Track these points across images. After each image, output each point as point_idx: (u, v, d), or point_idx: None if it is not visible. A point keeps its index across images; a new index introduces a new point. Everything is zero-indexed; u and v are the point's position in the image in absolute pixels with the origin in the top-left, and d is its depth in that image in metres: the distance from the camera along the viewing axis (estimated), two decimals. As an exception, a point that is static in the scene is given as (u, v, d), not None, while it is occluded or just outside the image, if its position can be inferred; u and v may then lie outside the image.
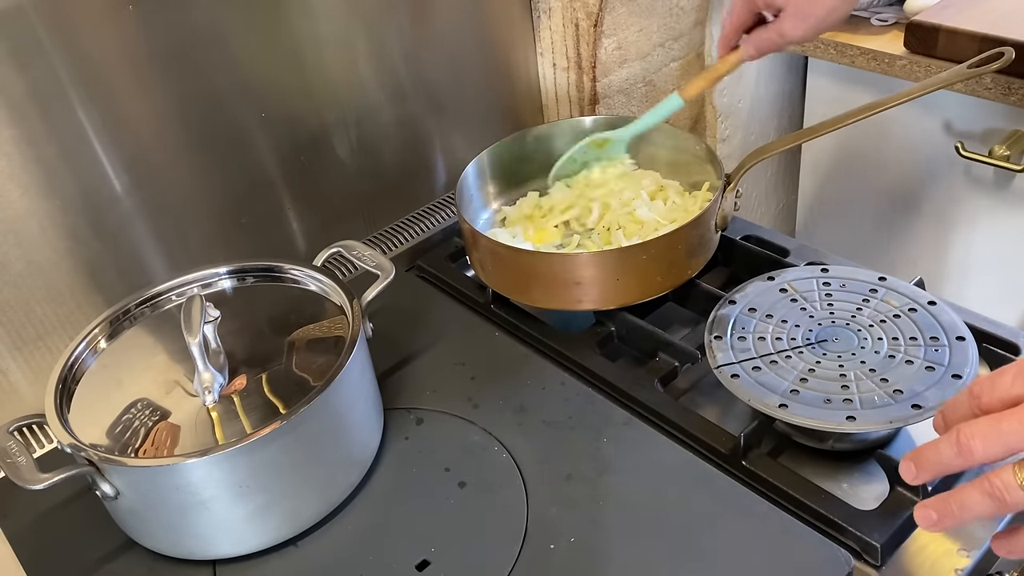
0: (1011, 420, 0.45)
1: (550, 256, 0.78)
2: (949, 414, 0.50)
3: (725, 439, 0.66)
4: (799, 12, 0.75)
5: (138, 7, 0.72)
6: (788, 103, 1.32)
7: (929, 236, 1.19)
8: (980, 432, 0.46)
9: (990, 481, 0.46)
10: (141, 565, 0.63)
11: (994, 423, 0.46)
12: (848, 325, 0.70)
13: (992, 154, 1.03)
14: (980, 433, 0.46)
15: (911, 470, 0.50)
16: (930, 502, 0.49)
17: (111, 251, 0.78)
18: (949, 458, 0.47)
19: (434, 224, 0.98)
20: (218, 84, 0.80)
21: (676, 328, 0.83)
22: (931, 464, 0.49)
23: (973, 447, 0.46)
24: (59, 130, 0.72)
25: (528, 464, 0.66)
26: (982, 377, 0.48)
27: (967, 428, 0.46)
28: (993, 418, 0.46)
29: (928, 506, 0.49)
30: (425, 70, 0.96)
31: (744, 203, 1.29)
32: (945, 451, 0.47)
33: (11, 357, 0.75)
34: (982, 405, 0.48)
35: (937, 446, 0.48)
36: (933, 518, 0.48)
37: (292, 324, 0.69)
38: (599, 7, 0.98)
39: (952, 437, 0.47)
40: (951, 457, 0.47)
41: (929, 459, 0.49)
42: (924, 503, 0.49)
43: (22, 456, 0.59)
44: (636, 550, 0.59)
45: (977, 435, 0.46)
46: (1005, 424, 0.45)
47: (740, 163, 0.80)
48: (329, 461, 0.64)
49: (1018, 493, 0.45)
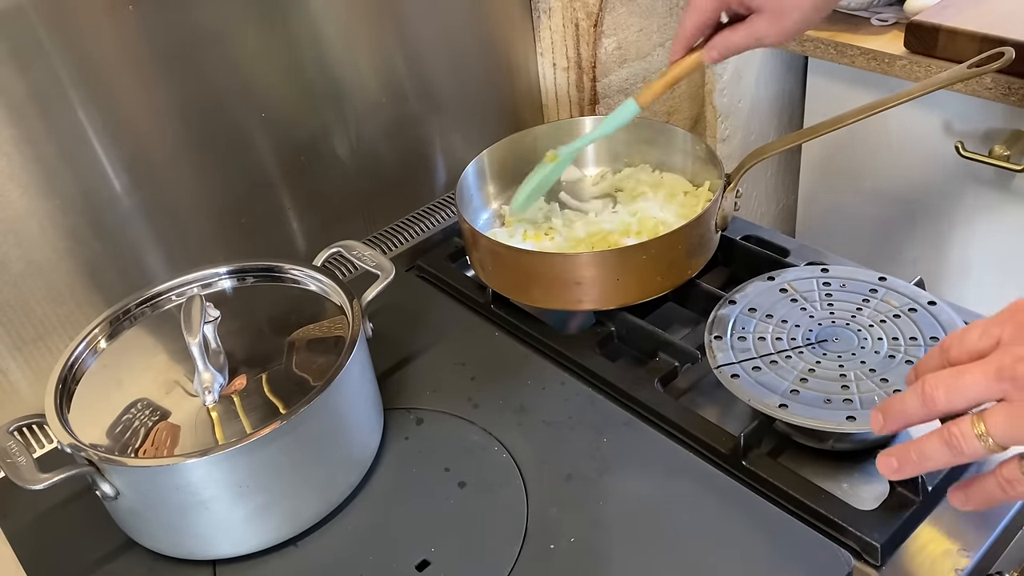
0: (974, 372, 0.46)
1: (550, 256, 0.78)
2: (920, 367, 0.52)
3: (725, 439, 0.66)
4: (777, 12, 0.69)
5: (138, 7, 0.72)
6: (788, 103, 1.32)
7: (929, 236, 1.19)
8: (943, 383, 0.47)
9: (949, 430, 0.47)
10: (141, 565, 0.63)
11: (957, 375, 0.47)
12: (848, 325, 0.70)
13: (992, 154, 1.03)
14: (943, 384, 0.47)
15: (879, 420, 0.51)
16: (891, 450, 0.50)
17: (111, 251, 0.78)
18: (914, 408, 0.48)
19: (434, 224, 0.98)
20: (218, 84, 0.80)
21: (676, 328, 0.83)
22: (897, 414, 0.50)
23: (936, 397, 0.47)
24: (59, 130, 0.72)
25: (528, 464, 0.66)
26: (953, 332, 0.50)
27: (931, 379, 0.47)
28: (957, 370, 0.47)
29: (889, 453, 0.50)
30: (425, 70, 0.96)
31: (744, 203, 1.28)
32: (910, 401, 0.48)
33: (11, 357, 0.75)
34: (950, 358, 0.49)
35: (904, 397, 0.49)
36: (894, 465, 0.49)
37: (292, 324, 0.69)
38: (599, 7, 0.98)
39: (917, 388, 0.48)
40: (916, 407, 0.48)
41: (895, 409, 0.50)
42: (885, 451, 0.50)
43: (22, 456, 0.59)
44: (636, 550, 0.59)
45: (941, 386, 0.47)
46: (968, 376, 0.46)
47: (740, 163, 0.80)
48: (329, 461, 0.64)
49: (974, 443, 0.46)
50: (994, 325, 0.48)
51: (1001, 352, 0.46)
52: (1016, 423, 0.45)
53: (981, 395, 0.46)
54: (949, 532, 0.60)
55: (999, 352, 0.46)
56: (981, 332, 0.48)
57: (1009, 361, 0.45)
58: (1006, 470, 0.47)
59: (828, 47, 1.14)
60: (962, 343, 0.49)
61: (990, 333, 0.48)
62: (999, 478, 0.47)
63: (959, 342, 0.49)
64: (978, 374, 0.46)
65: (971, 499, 0.50)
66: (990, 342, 0.47)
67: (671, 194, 0.88)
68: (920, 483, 0.60)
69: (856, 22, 1.15)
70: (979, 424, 0.46)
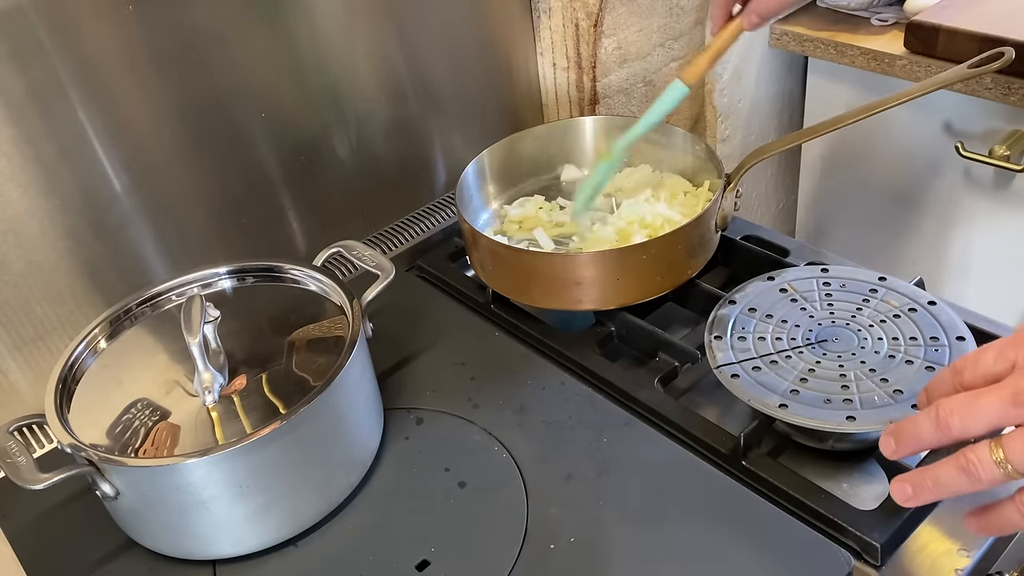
0: (990, 396, 0.45)
1: (550, 256, 0.78)
2: (932, 390, 0.50)
3: (725, 439, 0.66)
4: None
5: (138, 7, 0.72)
6: (788, 103, 1.32)
7: (929, 236, 1.19)
8: (959, 408, 0.46)
9: (966, 457, 0.45)
10: (141, 565, 0.63)
11: (973, 399, 0.46)
12: (848, 325, 0.70)
13: (992, 154, 1.03)
14: (959, 409, 0.46)
15: (890, 444, 0.49)
16: (905, 476, 0.48)
17: (111, 251, 0.78)
18: (928, 433, 0.47)
19: (434, 224, 0.98)
20: (218, 84, 0.80)
21: (676, 328, 0.83)
22: (910, 438, 0.48)
23: (951, 423, 0.46)
24: (59, 130, 0.72)
25: (528, 464, 0.66)
26: (966, 354, 0.48)
27: (946, 404, 0.46)
28: (972, 394, 0.46)
29: (904, 480, 0.48)
30: (425, 70, 0.96)
31: (744, 203, 1.29)
32: (924, 426, 0.47)
33: (11, 357, 0.75)
34: (964, 381, 0.48)
35: (916, 421, 0.47)
36: (908, 492, 0.48)
37: (292, 324, 0.69)
38: (599, 7, 0.98)
39: (931, 412, 0.46)
40: (930, 432, 0.47)
41: (908, 433, 0.48)
42: (900, 477, 0.48)
43: (22, 456, 0.59)
44: (636, 550, 0.59)
45: (956, 411, 0.46)
46: (984, 400, 0.45)
47: (740, 163, 0.80)
48: (329, 461, 0.64)
49: (993, 470, 0.44)
50: (1009, 347, 0.46)
51: (1017, 376, 0.45)
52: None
53: (998, 420, 0.45)
54: (949, 532, 0.60)
55: (1015, 376, 0.45)
56: (996, 355, 0.47)
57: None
58: (978, 452, 0.45)
59: (828, 47, 1.14)
60: (976, 366, 0.47)
61: (1005, 356, 0.46)
62: (1019, 504, 0.46)
63: (973, 365, 0.47)
64: (994, 399, 0.45)
65: (990, 526, 0.48)
66: (1005, 365, 0.46)
67: (671, 194, 0.88)
68: (920, 483, 0.60)
69: (856, 22, 1.15)
70: (997, 451, 0.44)
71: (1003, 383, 0.45)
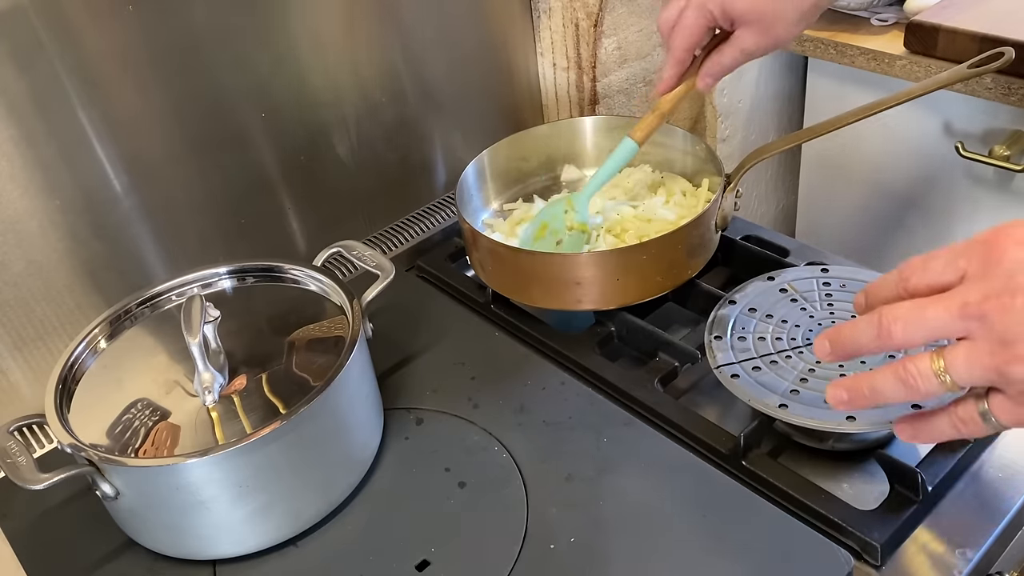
0: (936, 307, 0.43)
1: (550, 256, 0.78)
2: (872, 294, 0.48)
3: (725, 439, 0.66)
4: (762, 25, 0.66)
5: (138, 7, 0.72)
6: (788, 103, 1.32)
7: (929, 236, 1.19)
8: (903, 316, 0.44)
9: (905, 367, 0.44)
10: (141, 565, 0.63)
11: (919, 309, 0.44)
12: (848, 325, 0.70)
13: (992, 154, 1.03)
14: (903, 317, 0.44)
15: (825, 347, 0.48)
16: (841, 382, 0.47)
17: (111, 251, 0.78)
18: (868, 339, 0.45)
19: (434, 224, 0.98)
20: (218, 84, 0.80)
21: (676, 328, 0.83)
22: (848, 342, 0.47)
23: (893, 331, 0.44)
24: (59, 130, 0.72)
25: (528, 464, 0.66)
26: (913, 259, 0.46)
27: (890, 311, 0.44)
28: (918, 303, 0.44)
29: (839, 385, 0.47)
30: (425, 70, 0.96)
31: (744, 203, 1.29)
32: (864, 332, 0.45)
33: (11, 357, 0.75)
34: (909, 288, 0.46)
35: (856, 325, 0.46)
36: (843, 397, 0.47)
37: (292, 324, 0.69)
38: (599, 7, 0.98)
39: (873, 318, 0.45)
40: (870, 339, 0.45)
41: (847, 337, 0.47)
42: (835, 382, 0.47)
43: (22, 456, 0.59)
44: (636, 550, 0.59)
45: (900, 319, 0.44)
46: (930, 311, 0.43)
47: (740, 163, 0.80)
48: (329, 461, 0.64)
49: (932, 381, 0.43)
50: (960, 256, 0.44)
51: (967, 287, 0.43)
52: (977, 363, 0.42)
53: (942, 332, 0.43)
54: (949, 532, 0.60)
55: (964, 287, 0.43)
56: (945, 263, 0.44)
57: (976, 298, 0.42)
58: (962, 410, 0.45)
59: (828, 47, 1.14)
60: (924, 273, 0.45)
61: (956, 265, 0.44)
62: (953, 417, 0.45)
63: (921, 271, 0.45)
64: (941, 310, 0.43)
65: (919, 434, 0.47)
66: (955, 275, 0.44)
67: (671, 194, 0.88)
68: (920, 483, 0.60)
69: (856, 22, 1.15)
70: (938, 361, 0.43)
71: (951, 293, 0.43)
